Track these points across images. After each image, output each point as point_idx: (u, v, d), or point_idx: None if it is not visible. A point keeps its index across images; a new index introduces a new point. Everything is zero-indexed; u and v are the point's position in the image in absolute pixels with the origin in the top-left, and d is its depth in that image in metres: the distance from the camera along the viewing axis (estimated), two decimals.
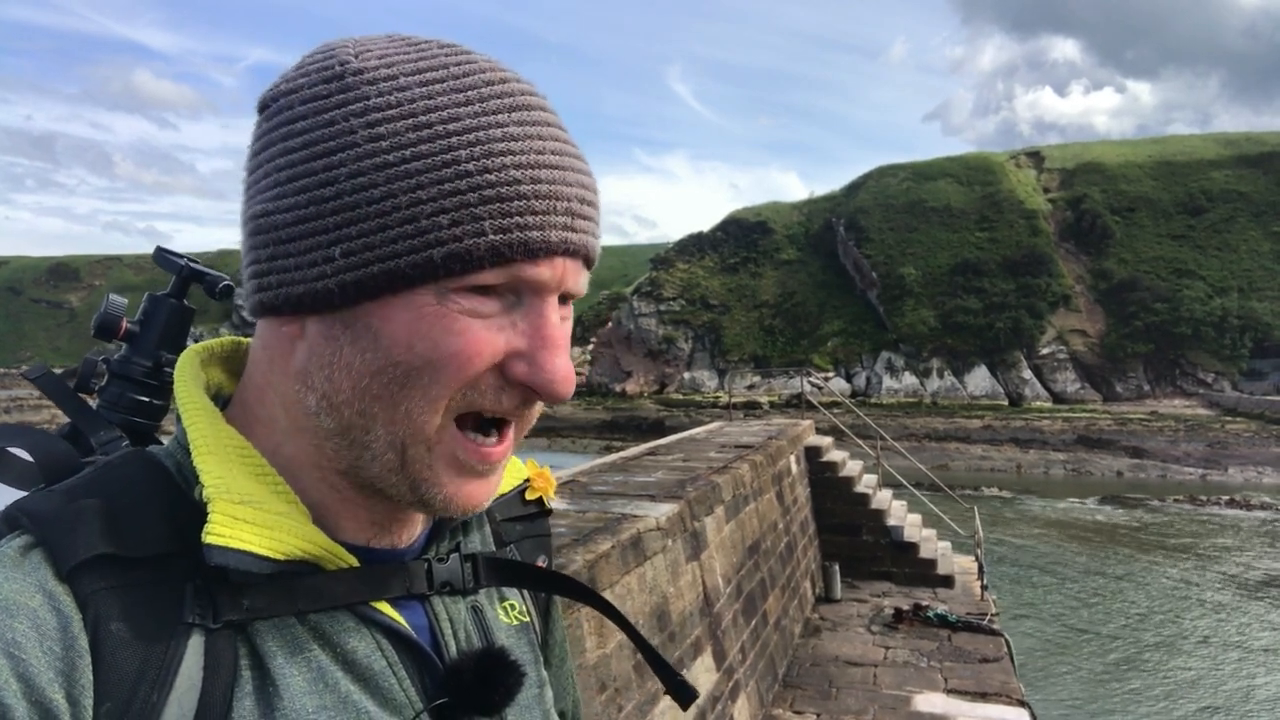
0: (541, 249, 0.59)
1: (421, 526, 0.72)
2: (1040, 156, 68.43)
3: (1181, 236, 56.76)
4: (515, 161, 0.58)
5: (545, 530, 0.86)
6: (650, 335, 59.45)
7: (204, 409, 0.65)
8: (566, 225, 0.60)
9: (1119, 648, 13.45)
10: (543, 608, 0.85)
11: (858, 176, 68.99)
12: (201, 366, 0.72)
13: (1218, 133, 71.12)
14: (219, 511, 0.58)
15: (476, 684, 0.65)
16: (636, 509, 5.57)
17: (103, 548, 0.56)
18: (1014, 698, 7.48)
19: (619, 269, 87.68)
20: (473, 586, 0.73)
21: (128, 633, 0.55)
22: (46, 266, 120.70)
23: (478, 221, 0.57)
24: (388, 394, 0.59)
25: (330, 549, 0.62)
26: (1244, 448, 35.53)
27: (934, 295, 55.00)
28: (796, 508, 10.58)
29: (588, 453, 36.69)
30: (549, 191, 0.59)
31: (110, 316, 0.87)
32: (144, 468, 0.63)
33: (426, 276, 0.57)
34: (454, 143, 0.57)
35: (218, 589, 0.58)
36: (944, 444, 39.36)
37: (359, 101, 0.58)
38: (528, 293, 0.60)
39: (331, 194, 0.58)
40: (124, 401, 0.84)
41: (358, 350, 0.59)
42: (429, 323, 0.58)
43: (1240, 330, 49.93)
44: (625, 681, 4.41)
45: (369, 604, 0.65)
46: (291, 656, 0.60)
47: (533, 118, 0.60)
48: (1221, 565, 18.99)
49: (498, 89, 0.60)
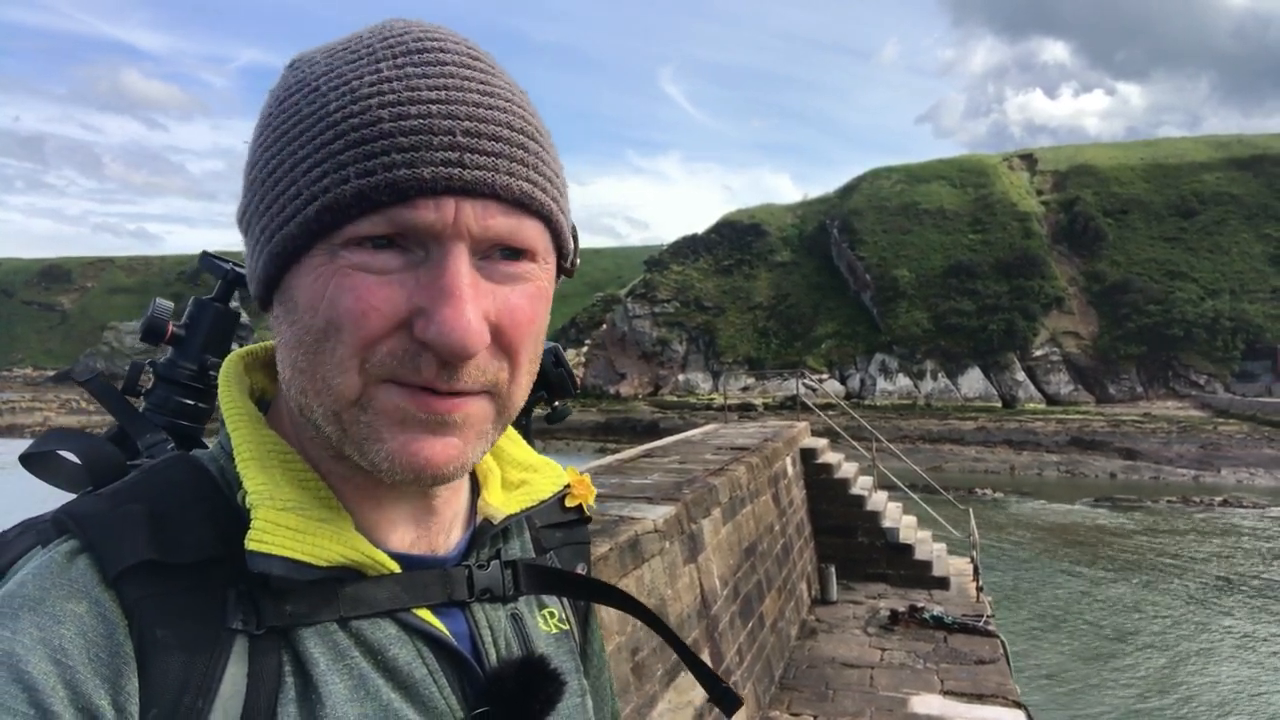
0: (412, 187, 0.54)
1: (460, 533, 0.72)
2: (1033, 159, 68.64)
3: (1173, 239, 56.98)
4: (381, 101, 0.55)
5: (585, 538, 0.85)
6: (645, 337, 59.43)
7: (246, 413, 0.65)
8: (449, 160, 0.55)
9: (1114, 648, 13.48)
10: (582, 616, 0.83)
11: (851, 179, 69.12)
12: (246, 370, 0.71)
13: (1209, 135, 71.44)
14: (261, 518, 0.58)
15: (517, 693, 0.64)
16: (634, 511, 5.56)
17: (148, 554, 0.55)
18: (1010, 699, 7.48)
19: (613, 271, 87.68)
20: (513, 594, 0.71)
21: (172, 639, 0.54)
22: (38, 268, 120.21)
23: (342, 169, 0.54)
24: (307, 363, 0.58)
25: (371, 555, 0.61)
26: (1236, 449, 35.66)
27: (928, 297, 55.10)
28: (793, 510, 10.58)
29: (582, 454, 36.67)
30: (419, 126, 0.55)
31: (157, 320, 0.87)
32: (188, 472, 0.63)
33: (310, 235, 0.56)
34: (329, 98, 0.56)
35: (261, 595, 0.58)
36: (938, 445, 39.43)
37: (281, 88, 0.60)
38: (430, 244, 0.56)
39: (255, 177, 0.59)
40: (169, 405, 0.84)
41: (289, 324, 0.59)
42: (323, 282, 0.56)
43: (1232, 332, 50.13)
44: (624, 684, 4.40)
45: (410, 611, 0.64)
46: (334, 664, 0.59)
47: (421, 59, 0.57)
48: (1214, 566, 19.05)
49: (391, 41, 0.58)
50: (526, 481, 0.78)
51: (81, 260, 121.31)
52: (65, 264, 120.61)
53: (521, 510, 0.75)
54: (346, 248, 0.56)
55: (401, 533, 0.66)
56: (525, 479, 0.79)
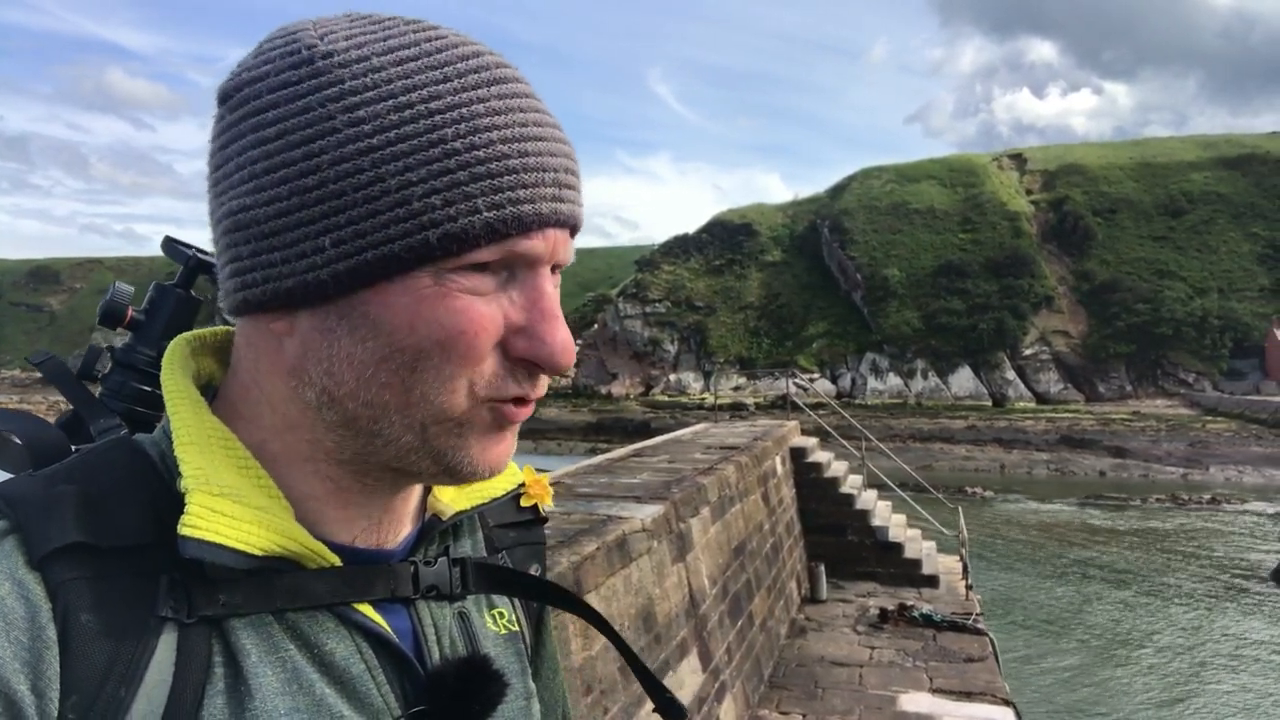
0: (534, 222, 0.58)
1: (410, 527, 0.70)
2: (1022, 158, 68.91)
3: (1162, 238, 57.29)
4: (501, 136, 0.57)
5: (540, 539, 0.83)
6: (636, 337, 59.46)
7: (188, 397, 0.63)
8: (555, 196, 0.59)
9: (1104, 647, 13.53)
10: (535, 618, 0.82)
11: (842, 178, 69.35)
12: (192, 355, 0.69)
13: (1197, 135, 71.86)
14: (196, 503, 0.56)
15: (457, 692, 0.63)
16: (622, 510, 5.55)
17: (76, 536, 0.54)
18: (999, 697, 7.50)
19: (604, 271, 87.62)
20: (460, 592, 0.70)
21: (98, 625, 0.53)
22: (26, 269, 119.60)
23: (471, 200, 0.56)
24: (398, 380, 0.57)
25: (312, 546, 0.60)
26: (1224, 447, 35.88)
27: (918, 296, 55.29)
28: (782, 509, 10.59)
29: (574, 455, 36.63)
30: (536, 164, 0.58)
31: (116, 304, 0.86)
32: (127, 455, 0.61)
33: (423, 259, 0.56)
34: (438, 121, 0.56)
35: (194, 583, 0.56)
36: (928, 444, 39.54)
37: (334, 85, 0.56)
38: (521, 266, 0.60)
39: (315, 183, 0.56)
40: (126, 390, 0.82)
41: (357, 340, 0.58)
42: (430, 304, 0.57)
43: (1220, 330, 50.44)
44: (611, 684, 4.40)
45: (351, 605, 0.62)
46: (266, 656, 0.58)
47: (511, 90, 0.59)
48: (1203, 564, 19.14)
49: (473, 63, 0.59)
50: None
51: (70, 261, 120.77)
52: (53, 265, 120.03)
53: (473, 507, 0.74)
54: (456, 272, 0.57)
55: (349, 526, 0.65)
56: None
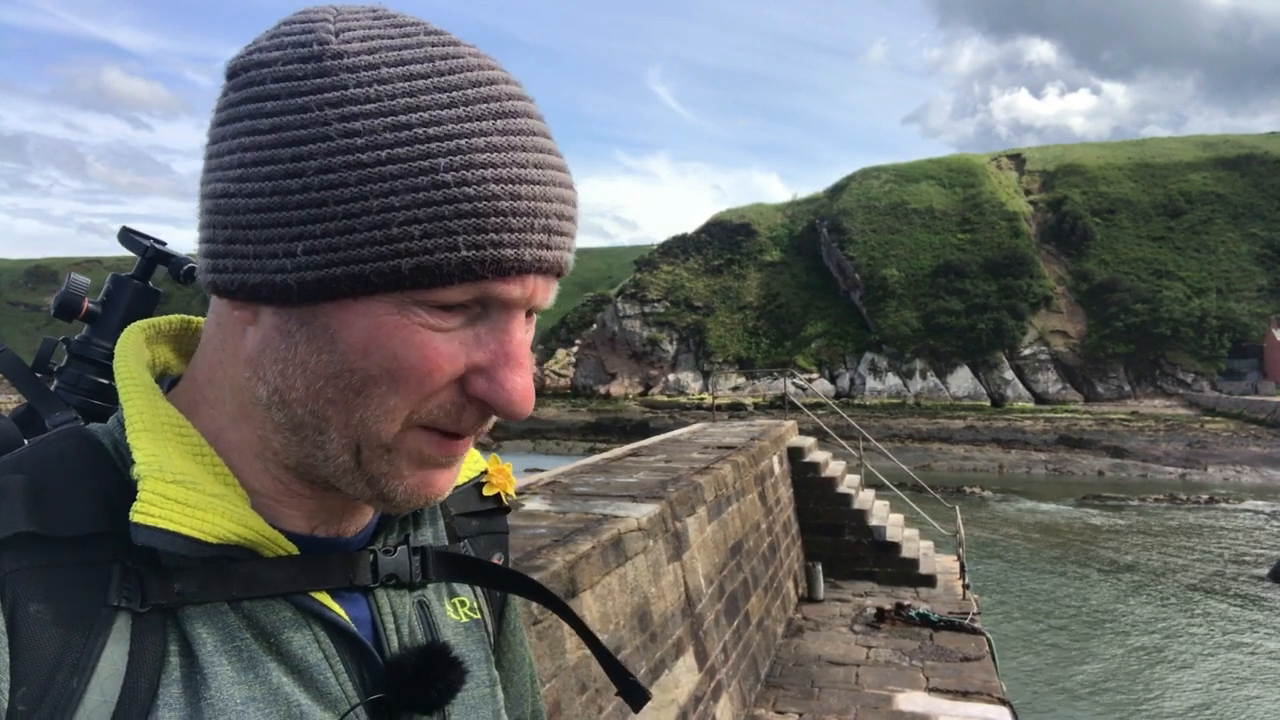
0: (514, 268, 0.55)
1: (369, 516, 0.69)
2: (1021, 159, 68.94)
3: (1161, 238, 57.33)
4: (495, 175, 0.55)
5: (503, 528, 0.83)
6: (635, 337, 59.46)
7: (141, 384, 0.63)
8: (543, 243, 0.57)
9: (1100, 646, 13.54)
10: (497, 607, 0.81)
11: (841, 178, 69.36)
12: (147, 344, 0.69)
13: (1195, 135, 71.90)
14: (149, 489, 0.55)
15: (416, 680, 0.63)
16: (618, 510, 5.55)
17: (26, 525, 0.53)
18: (995, 696, 7.50)
19: (603, 271, 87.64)
20: (420, 580, 0.69)
21: (48, 614, 0.52)
22: (24, 269, 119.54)
23: (451, 236, 0.53)
24: (343, 399, 0.56)
25: (268, 535, 0.59)
26: (1223, 447, 35.92)
27: (916, 296, 55.31)
28: (779, 508, 10.58)
29: (572, 455, 36.64)
30: (528, 209, 0.56)
31: (71, 296, 0.84)
32: (79, 444, 0.60)
33: (391, 286, 0.54)
34: (433, 149, 0.54)
35: (147, 572, 0.56)
36: (927, 444, 39.57)
37: (336, 90, 0.54)
38: (495, 308, 0.57)
39: (298, 186, 0.54)
40: (83, 383, 0.81)
41: (313, 350, 0.56)
42: (387, 333, 0.55)
43: (1219, 330, 50.47)
44: (605, 682, 4.39)
45: (308, 594, 0.62)
46: (222, 644, 0.57)
47: (518, 125, 0.57)
48: (1201, 563, 19.15)
49: (484, 91, 0.56)
50: None
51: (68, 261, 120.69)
52: (52, 264, 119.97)
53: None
54: (422, 306, 0.55)
55: (307, 515, 0.64)
56: None
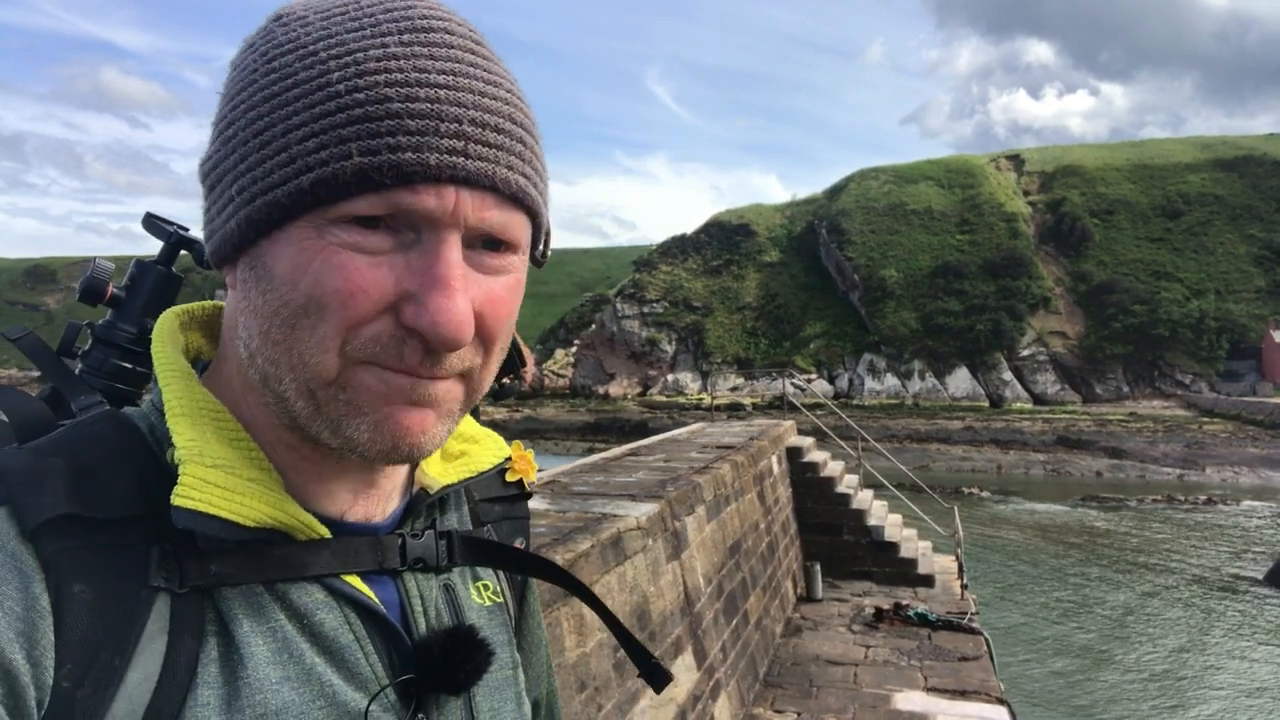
0: (417, 172, 0.54)
1: (397, 501, 0.71)
2: (1020, 160, 68.98)
3: (1159, 239, 57.39)
4: (389, 79, 0.54)
5: (524, 513, 0.85)
6: (633, 337, 59.47)
7: (179, 370, 0.64)
8: (454, 149, 0.55)
9: (1098, 646, 13.56)
10: (518, 591, 0.83)
11: (840, 179, 69.40)
12: (181, 330, 0.70)
13: (1194, 136, 71.95)
14: (189, 474, 0.56)
15: (443, 661, 0.64)
16: (617, 509, 5.56)
17: (68, 507, 0.54)
18: (993, 695, 7.51)
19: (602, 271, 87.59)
20: (446, 564, 0.71)
21: (91, 595, 0.53)
22: (23, 269, 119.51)
23: (344, 144, 0.53)
24: (282, 337, 0.56)
25: (301, 519, 0.61)
26: (1221, 448, 35.96)
27: (915, 297, 55.33)
28: (778, 508, 10.60)
29: (570, 455, 36.62)
30: (428, 110, 0.54)
31: (96, 280, 0.85)
32: (115, 428, 0.62)
33: (300, 206, 0.54)
34: (330, 66, 0.55)
35: (185, 554, 0.57)
36: (925, 445, 39.60)
37: (267, 43, 0.58)
38: (424, 228, 0.56)
39: (233, 134, 0.57)
40: (106, 367, 0.82)
41: (260, 292, 0.57)
42: (308, 257, 0.55)
43: (1217, 332, 50.51)
44: (605, 680, 4.41)
45: (339, 577, 0.63)
46: (257, 626, 0.58)
47: (428, 39, 0.56)
48: (1198, 564, 19.18)
49: (395, 14, 0.57)
50: (466, 453, 0.78)
51: (67, 260, 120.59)
52: (50, 264, 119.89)
53: (460, 481, 0.74)
54: (337, 224, 0.55)
55: (337, 499, 0.65)
56: (465, 450, 0.78)
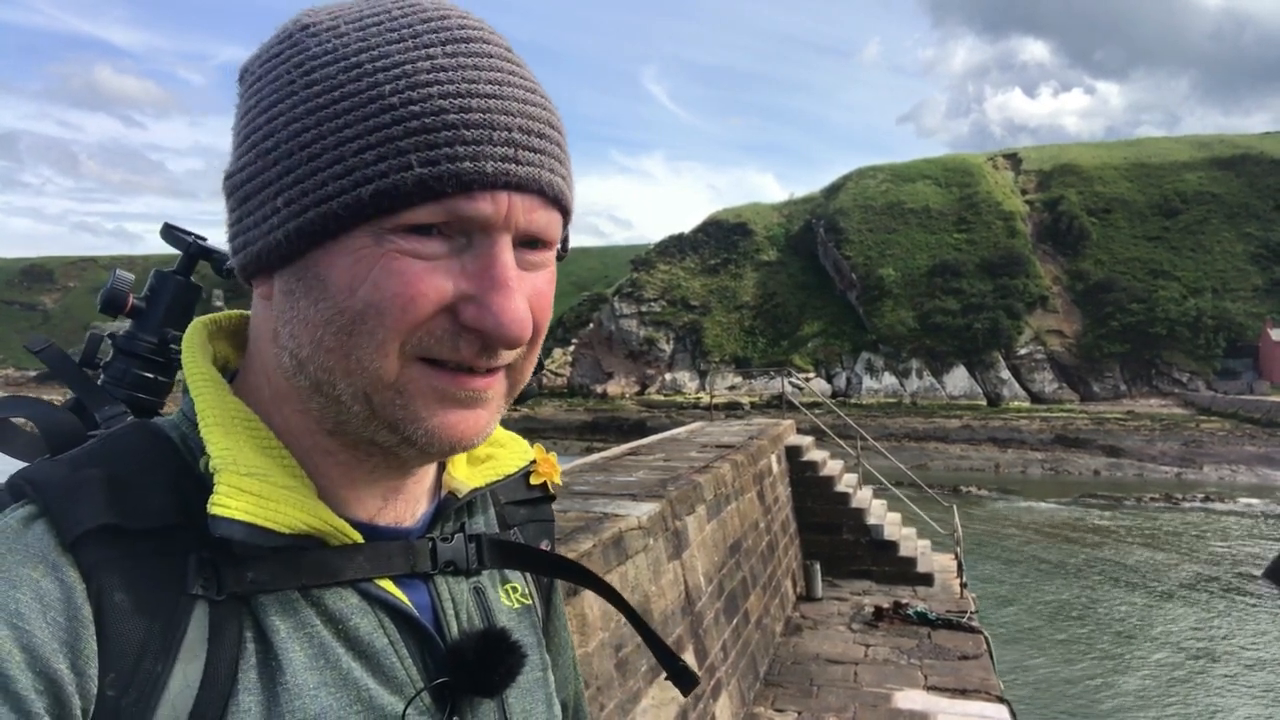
0: (475, 180, 0.56)
1: (426, 505, 0.71)
2: (1017, 158, 69.01)
3: (1157, 238, 57.42)
4: (442, 91, 0.56)
5: (549, 515, 0.85)
6: (631, 336, 59.43)
7: (211, 380, 0.65)
8: (507, 156, 0.57)
9: (1098, 643, 13.57)
10: (545, 593, 0.84)
11: (837, 178, 69.36)
12: (209, 339, 0.71)
13: (1191, 135, 72.05)
14: (225, 483, 0.57)
15: (477, 664, 0.65)
16: (618, 508, 5.56)
17: (107, 518, 0.55)
18: (993, 694, 7.52)
19: (599, 270, 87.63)
20: (476, 567, 0.72)
21: (131, 603, 0.54)
22: (19, 268, 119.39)
23: (403, 155, 0.55)
24: (338, 344, 0.58)
25: (335, 524, 0.61)
26: (1218, 446, 35.98)
27: (913, 296, 55.33)
28: (778, 507, 10.60)
29: (569, 454, 36.60)
30: (482, 120, 0.56)
31: (117, 292, 0.85)
32: (148, 439, 0.63)
33: (358, 216, 0.56)
34: (380, 79, 0.56)
35: (222, 561, 0.58)
36: (923, 444, 39.60)
37: (301, 54, 0.59)
38: (476, 233, 0.58)
39: (272, 145, 0.58)
40: (129, 378, 0.82)
41: (310, 301, 0.58)
42: (367, 265, 0.56)
43: (1214, 330, 50.56)
44: (607, 680, 4.40)
45: (372, 581, 0.64)
46: (294, 632, 0.59)
47: (470, 49, 0.59)
48: (1197, 562, 19.20)
49: (434, 24, 0.59)
50: (493, 456, 0.78)
51: (63, 260, 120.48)
52: (47, 263, 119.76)
53: (487, 484, 0.75)
54: (395, 233, 0.56)
55: (367, 504, 0.66)
56: (491, 453, 0.78)
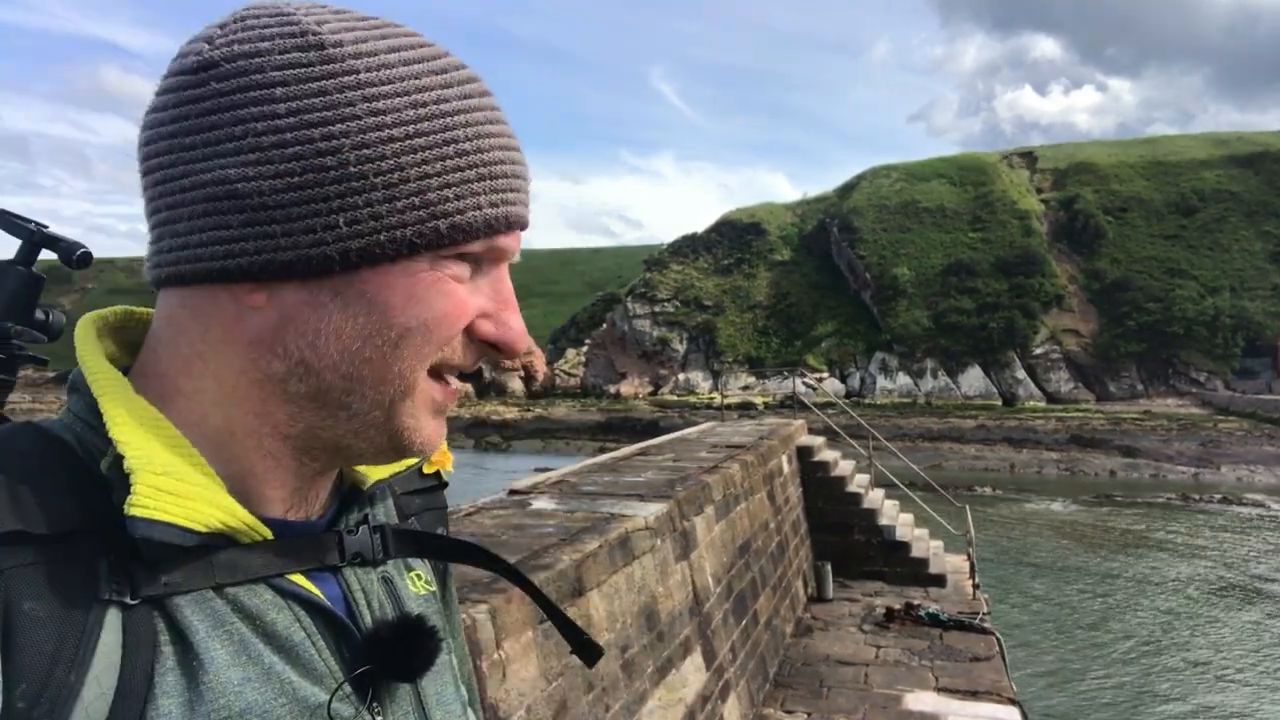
0: (517, 222, 0.67)
1: (331, 499, 0.73)
2: (1033, 157, 68.61)
3: (1174, 236, 56.93)
4: (498, 144, 0.66)
5: (443, 503, 0.88)
6: (644, 337, 59.43)
7: (115, 380, 0.64)
8: (525, 202, 0.68)
9: (1111, 647, 13.47)
10: (441, 577, 0.86)
11: (851, 177, 69.11)
12: (97, 336, 0.70)
13: (1208, 133, 71.39)
14: (142, 483, 0.56)
15: (397, 651, 0.67)
16: (625, 509, 5.56)
17: (9, 524, 0.54)
18: (1005, 696, 7.48)
19: (613, 270, 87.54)
20: (383, 557, 0.73)
21: (41, 612, 0.53)
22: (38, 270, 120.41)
23: (476, 197, 0.64)
24: (380, 356, 0.63)
25: (247, 521, 0.62)
26: (1236, 446, 35.64)
27: (927, 296, 55.07)
28: (788, 507, 10.57)
29: (581, 454, 36.60)
30: (516, 171, 0.67)
31: None
32: (38, 440, 0.61)
33: (431, 245, 0.62)
34: (449, 123, 0.63)
35: (133, 564, 0.57)
36: (938, 444, 39.40)
37: (351, 74, 0.61)
38: (488, 260, 0.67)
39: (334, 163, 0.60)
40: None
41: (348, 315, 0.62)
42: (425, 287, 0.63)
43: (1232, 329, 50.09)
44: (613, 681, 4.40)
45: (285, 576, 0.65)
46: (213, 630, 0.59)
47: (493, 102, 0.68)
48: (1214, 564, 19.04)
49: (464, 74, 0.66)
50: None
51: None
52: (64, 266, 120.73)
53: (389, 475, 0.78)
54: (448, 259, 0.64)
55: (276, 499, 0.67)
56: None
